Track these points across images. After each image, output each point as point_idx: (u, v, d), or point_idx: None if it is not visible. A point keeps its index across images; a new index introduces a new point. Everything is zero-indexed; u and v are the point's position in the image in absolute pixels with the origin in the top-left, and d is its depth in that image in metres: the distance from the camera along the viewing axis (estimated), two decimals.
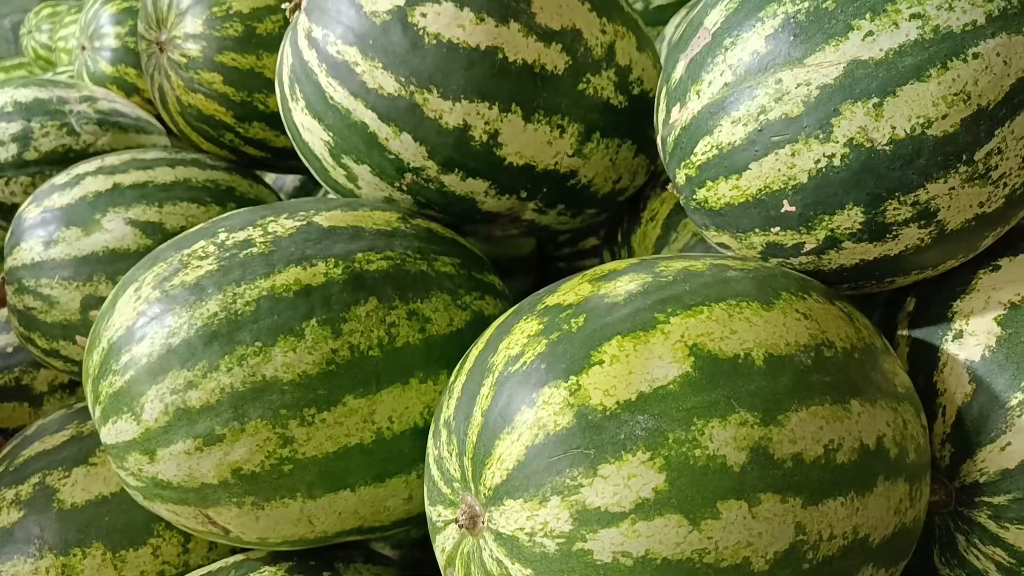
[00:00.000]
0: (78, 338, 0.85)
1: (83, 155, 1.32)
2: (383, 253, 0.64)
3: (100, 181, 0.88)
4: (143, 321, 0.59)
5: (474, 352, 0.53)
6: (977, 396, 0.56)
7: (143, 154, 0.94)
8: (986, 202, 0.54)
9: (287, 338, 0.57)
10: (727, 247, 0.63)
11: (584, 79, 0.70)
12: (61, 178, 0.91)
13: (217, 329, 0.57)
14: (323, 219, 0.66)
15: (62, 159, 1.31)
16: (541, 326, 0.49)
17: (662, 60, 0.86)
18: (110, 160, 0.92)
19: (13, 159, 1.29)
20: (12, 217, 1.32)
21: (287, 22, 0.88)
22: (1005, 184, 0.54)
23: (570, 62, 0.69)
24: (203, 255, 0.61)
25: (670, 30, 1.03)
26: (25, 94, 1.39)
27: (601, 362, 0.45)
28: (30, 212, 0.88)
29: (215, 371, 0.56)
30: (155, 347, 0.57)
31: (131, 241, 0.84)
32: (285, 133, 0.82)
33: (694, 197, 0.61)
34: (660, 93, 0.64)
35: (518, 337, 0.49)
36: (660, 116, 0.64)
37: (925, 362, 0.60)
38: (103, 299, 0.83)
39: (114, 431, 0.58)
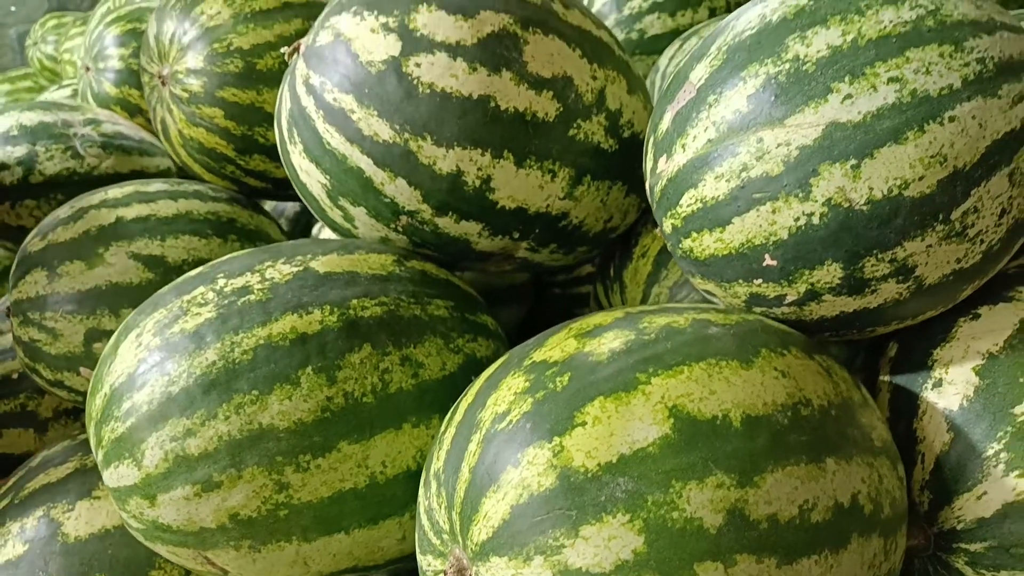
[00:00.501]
0: (82, 369, 0.86)
1: (87, 178, 1.34)
2: (377, 299, 0.66)
3: (104, 215, 0.90)
4: (144, 368, 0.60)
5: (463, 404, 0.55)
6: (955, 445, 0.58)
7: (145, 186, 0.96)
8: (963, 258, 0.55)
9: (283, 386, 0.59)
10: (712, 294, 0.64)
11: (575, 125, 0.72)
12: (65, 211, 0.93)
13: (215, 378, 0.59)
14: (319, 264, 0.67)
15: (67, 182, 1.34)
16: (527, 383, 0.50)
17: (653, 99, 0.88)
18: (113, 193, 0.94)
19: (18, 182, 1.32)
20: (18, 239, 1.35)
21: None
22: (982, 241, 0.55)
23: (561, 109, 0.71)
24: (202, 302, 0.63)
25: (664, 61, 1.05)
26: (30, 117, 1.41)
27: (584, 423, 0.46)
28: (34, 245, 0.90)
29: (213, 419, 0.58)
30: (155, 395, 0.59)
31: (134, 275, 0.86)
32: None
33: (680, 246, 0.63)
34: (648, 142, 0.66)
35: (505, 394, 0.51)
36: (648, 164, 0.66)
37: (905, 409, 0.61)
38: (107, 332, 0.85)
39: (116, 475, 0.60)
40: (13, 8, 3.43)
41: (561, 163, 0.72)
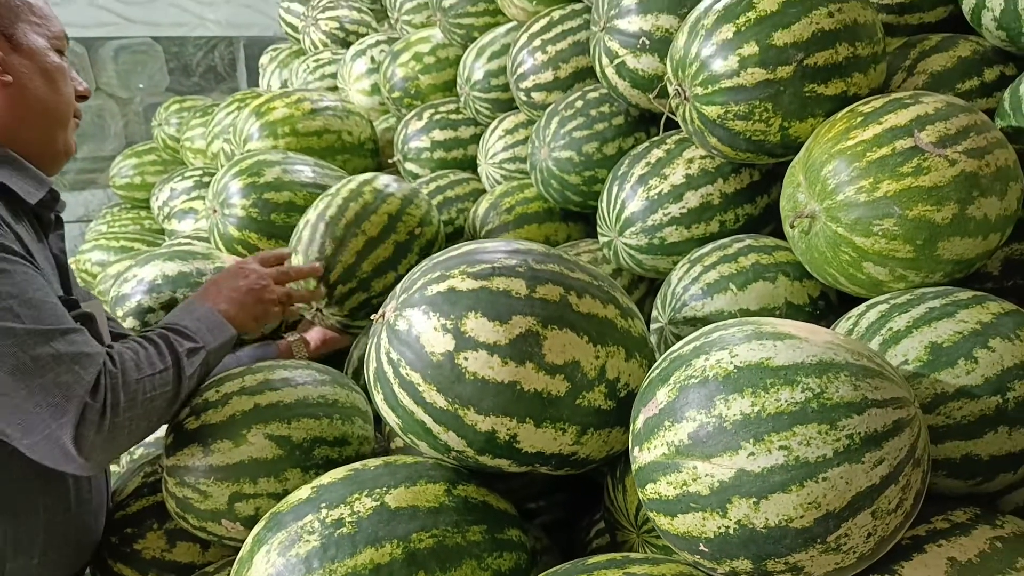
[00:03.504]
0: (223, 521, 1.15)
1: None
2: (430, 532, 0.92)
3: (243, 401, 1.18)
4: None
5: None
6: None
7: (271, 373, 1.25)
8: (841, 563, 0.77)
9: None
10: (673, 547, 0.88)
11: (580, 396, 0.96)
12: (213, 395, 1.21)
13: None
14: (392, 499, 0.94)
15: None
16: None
17: (660, 312, 1.10)
18: (248, 381, 1.23)
19: None
20: None
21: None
22: (854, 552, 0.77)
23: (570, 387, 0.95)
24: (311, 530, 0.91)
25: (674, 279, 1.27)
26: (171, 267, 1.76)
27: None
28: (190, 424, 1.19)
29: None
30: None
31: (268, 452, 1.14)
32: None
33: (648, 512, 0.86)
34: (631, 427, 0.90)
35: None
36: (630, 442, 0.90)
37: None
38: (245, 495, 1.12)
39: None
40: (141, 85, 3.92)
41: (570, 423, 0.97)
